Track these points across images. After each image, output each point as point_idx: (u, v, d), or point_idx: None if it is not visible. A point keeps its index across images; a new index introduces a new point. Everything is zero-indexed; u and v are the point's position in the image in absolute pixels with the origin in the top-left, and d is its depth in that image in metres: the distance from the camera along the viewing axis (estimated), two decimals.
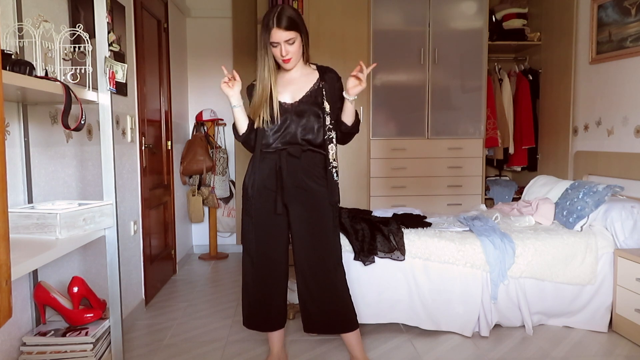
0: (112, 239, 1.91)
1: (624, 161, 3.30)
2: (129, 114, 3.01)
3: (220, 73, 2.14)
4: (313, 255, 2.19)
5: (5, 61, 1.41)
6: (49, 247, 1.48)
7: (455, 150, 4.14)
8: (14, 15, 1.77)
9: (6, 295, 0.97)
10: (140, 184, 3.20)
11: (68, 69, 1.82)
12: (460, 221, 3.12)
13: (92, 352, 1.81)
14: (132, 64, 3.08)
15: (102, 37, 1.84)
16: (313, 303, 2.22)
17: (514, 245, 2.71)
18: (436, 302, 2.70)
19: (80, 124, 1.68)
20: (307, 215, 2.18)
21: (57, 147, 2.13)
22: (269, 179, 2.18)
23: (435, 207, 4.12)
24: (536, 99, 4.41)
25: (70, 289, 1.93)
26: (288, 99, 2.18)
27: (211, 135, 4.48)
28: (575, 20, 3.81)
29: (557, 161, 4.11)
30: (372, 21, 3.98)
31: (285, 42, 2.07)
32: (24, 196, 1.84)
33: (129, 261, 2.98)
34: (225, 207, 4.67)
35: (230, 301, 3.33)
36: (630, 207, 2.81)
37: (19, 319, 1.81)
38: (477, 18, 4.09)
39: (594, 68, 3.66)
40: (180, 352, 2.55)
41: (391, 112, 4.10)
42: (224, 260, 4.52)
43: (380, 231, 2.75)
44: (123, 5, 2.92)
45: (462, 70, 4.11)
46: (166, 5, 3.94)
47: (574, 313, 2.78)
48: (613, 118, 3.47)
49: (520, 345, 2.60)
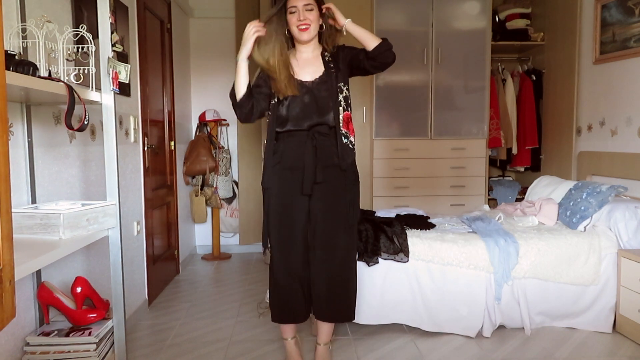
0: (115, 239, 1.91)
1: (627, 161, 3.28)
2: (132, 115, 3.02)
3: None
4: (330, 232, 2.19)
5: (8, 61, 1.41)
6: (52, 247, 1.48)
7: (459, 151, 4.14)
8: (18, 16, 1.78)
9: (10, 295, 0.97)
10: (143, 184, 3.21)
11: (71, 69, 1.83)
12: (464, 221, 3.11)
13: (96, 352, 1.82)
14: (135, 65, 3.09)
15: (105, 37, 1.84)
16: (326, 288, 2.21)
17: (517, 245, 2.70)
18: (439, 303, 2.69)
19: (84, 124, 1.69)
20: (330, 192, 2.18)
21: (61, 147, 2.13)
22: (296, 159, 2.16)
23: (438, 207, 4.11)
24: (539, 99, 4.40)
25: (74, 289, 1.93)
26: (308, 77, 2.18)
27: (214, 135, 4.49)
28: (579, 20, 3.80)
29: (560, 161, 4.10)
30: (375, 21, 3.98)
31: (303, 6, 2.08)
32: (28, 196, 1.85)
33: (132, 261, 2.99)
34: (228, 208, 4.68)
35: (233, 301, 3.33)
36: (634, 207, 2.79)
37: (22, 319, 1.82)
38: (481, 18, 4.08)
39: (597, 68, 3.65)
40: (184, 352, 2.55)
41: (394, 112, 4.10)
42: (227, 260, 4.52)
43: (384, 232, 2.74)
44: (126, 5, 2.92)
45: (465, 70, 4.11)
46: (169, 6, 3.95)
47: (577, 314, 2.77)
48: (617, 118, 3.46)
49: (523, 346, 2.60)
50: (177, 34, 4.16)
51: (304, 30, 2.11)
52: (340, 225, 2.20)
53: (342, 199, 2.21)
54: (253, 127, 4.56)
